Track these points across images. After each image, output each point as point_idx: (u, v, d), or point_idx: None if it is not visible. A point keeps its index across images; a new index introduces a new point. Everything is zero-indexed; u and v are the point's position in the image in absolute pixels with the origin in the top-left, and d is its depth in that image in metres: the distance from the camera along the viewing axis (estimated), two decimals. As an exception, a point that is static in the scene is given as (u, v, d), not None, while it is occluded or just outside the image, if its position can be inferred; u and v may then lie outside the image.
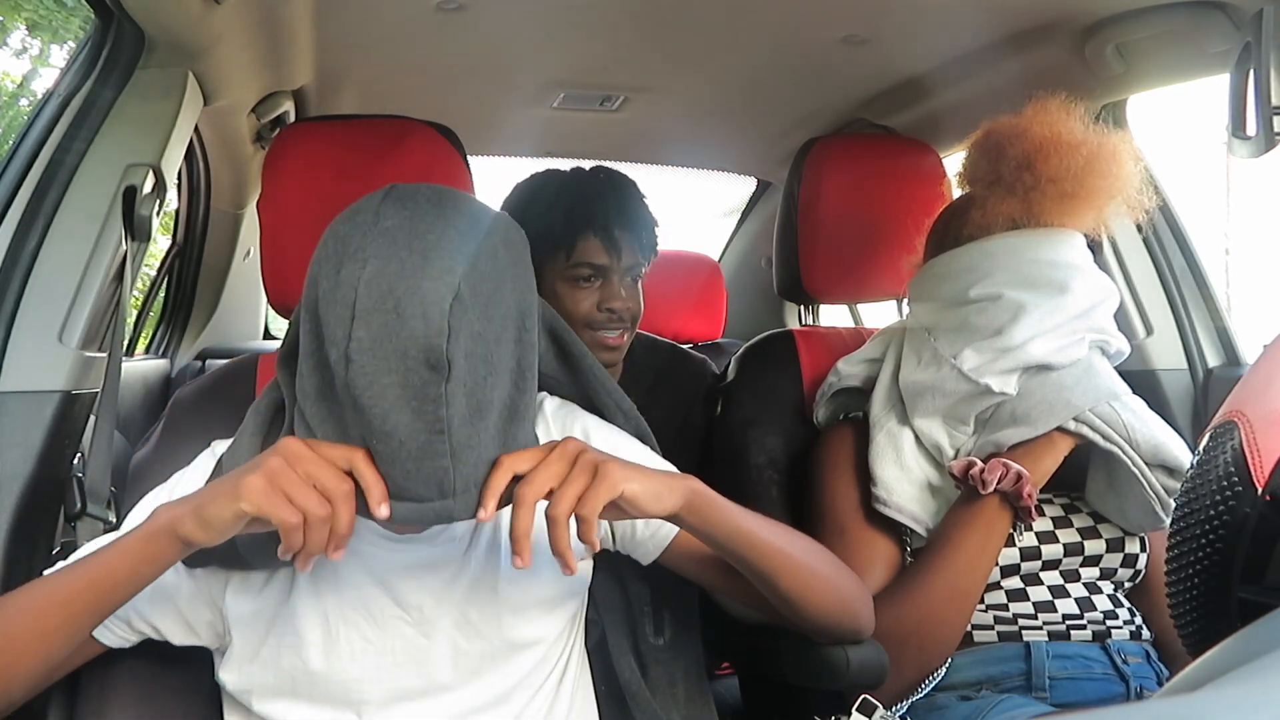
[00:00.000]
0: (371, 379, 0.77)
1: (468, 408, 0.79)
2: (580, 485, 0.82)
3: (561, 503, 0.81)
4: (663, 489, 0.86)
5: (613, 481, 0.82)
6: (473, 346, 0.79)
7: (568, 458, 0.83)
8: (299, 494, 0.78)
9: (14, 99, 6.71)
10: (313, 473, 0.79)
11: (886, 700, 1.12)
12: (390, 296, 0.77)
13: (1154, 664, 1.25)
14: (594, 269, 1.47)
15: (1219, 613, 0.63)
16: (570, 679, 1.05)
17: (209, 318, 2.39)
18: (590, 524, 0.82)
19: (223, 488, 0.80)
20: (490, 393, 0.81)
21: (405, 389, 0.77)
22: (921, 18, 1.55)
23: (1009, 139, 1.29)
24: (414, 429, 0.77)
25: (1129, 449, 1.20)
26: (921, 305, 1.40)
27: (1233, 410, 0.64)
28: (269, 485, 0.78)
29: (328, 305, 0.80)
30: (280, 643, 0.95)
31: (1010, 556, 1.25)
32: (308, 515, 0.78)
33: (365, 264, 0.78)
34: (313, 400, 0.83)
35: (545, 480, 0.82)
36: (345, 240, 0.81)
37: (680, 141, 2.41)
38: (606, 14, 1.57)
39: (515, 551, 0.81)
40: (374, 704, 0.95)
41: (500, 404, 0.83)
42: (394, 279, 0.77)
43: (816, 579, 1.00)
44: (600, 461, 0.83)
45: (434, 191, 0.86)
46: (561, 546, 0.82)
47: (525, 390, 0.86)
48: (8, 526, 1.08)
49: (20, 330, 1.15)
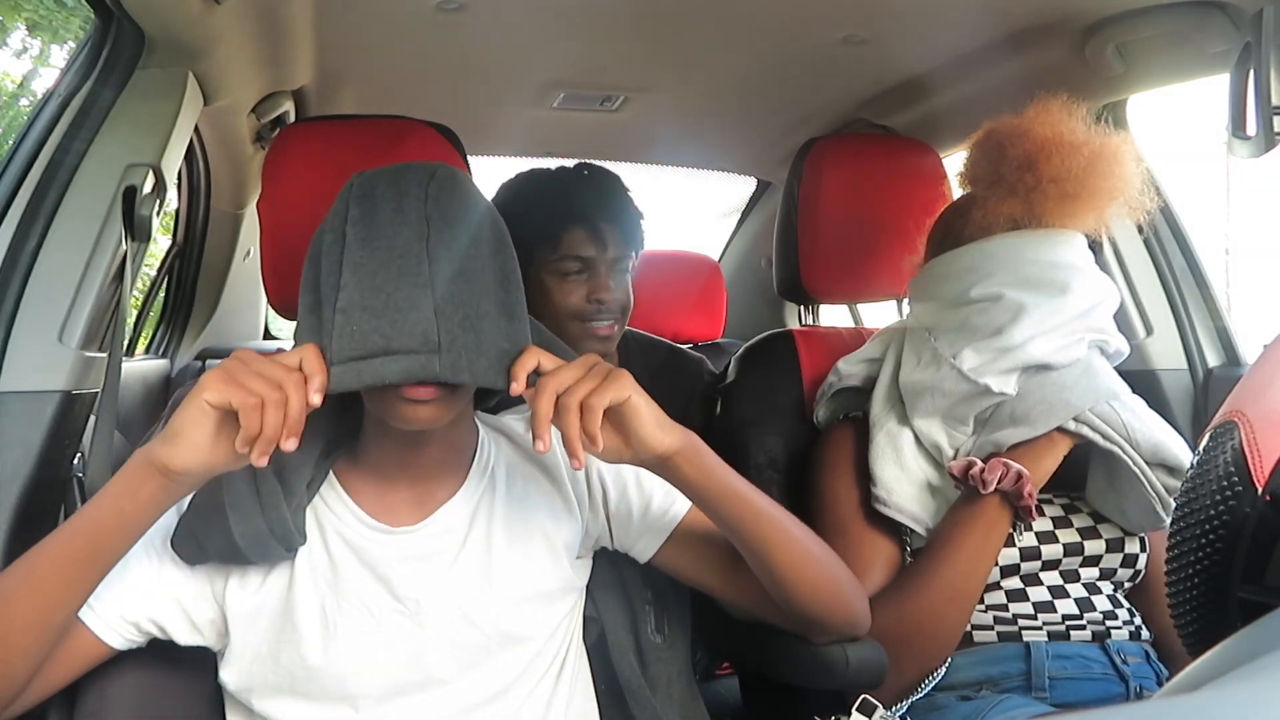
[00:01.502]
0: (364, 242, 0.88)
1: (451, 269, 0.88)
2: (593, 383, 0.87)
3: (575, 393, 0.86)
4: (666, 422, 0.91)
5: (622, 384, 0.87)
6: (451, 217, 0.90)
7: (585, 364, 0.89)
8: (252, 381, 0.83)
9: (14, 99, 6.71)
10: (264, 369, 0.84)
11: (886, 700, 1.12)
12: (380, 189, 0.91)
13: (1154, 664, 1.25)
14: (581, 261, 1.50)
15: (1219, 613, 0.63)
16: (568, 675, 1.05)
17: (209, 318, 2.39)
18: (595, 413, 0.86)
19: (185, 399, 0.84)
20: (474, 269, 0.90)
21: (391, 251, 0.88)
22: (921, 18, 1.55)
23: (1010, 139, 1.29)
24: (399, 284, 0.87)
25: (1129, 448, 1.20)
26: (922, 305, 1.40)
27: (1233, 410, 0.64)
28: (226, 377, 0.83)
29: (330, 216, 0.92)
30: (279, 639, 0.95)
31: (1010, 556, 1.25)
32: (263, 398, 0.82)
33: (356, 181, 0.93)
34: (302, 325, 0.92)
35: (565, 377, 0.87)
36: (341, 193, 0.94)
37: (680, 141, 2.41)
38: (606, 14, 1.57)
39: (536, 435, 0.86)
40: (371, 698, 0.96)
41: (487, 290, 0.91)
42: (382, 182, 0.92)
43: (811, 556, 1.01)
44: (614, 369, 0.89)
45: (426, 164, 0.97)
46: (572, 434, 0.86)
47: (511, 291, 0.94)
48: (8, 526, 1.08)
49: (20, 330, 1.15)
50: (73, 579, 0.87)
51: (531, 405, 0.87)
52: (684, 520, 1.04)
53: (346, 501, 0.99)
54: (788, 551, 0.98)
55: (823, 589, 1.03)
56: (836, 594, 1.04)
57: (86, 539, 0.86)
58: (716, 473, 0.94)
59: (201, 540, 0.93)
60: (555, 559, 1.02)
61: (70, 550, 0.87)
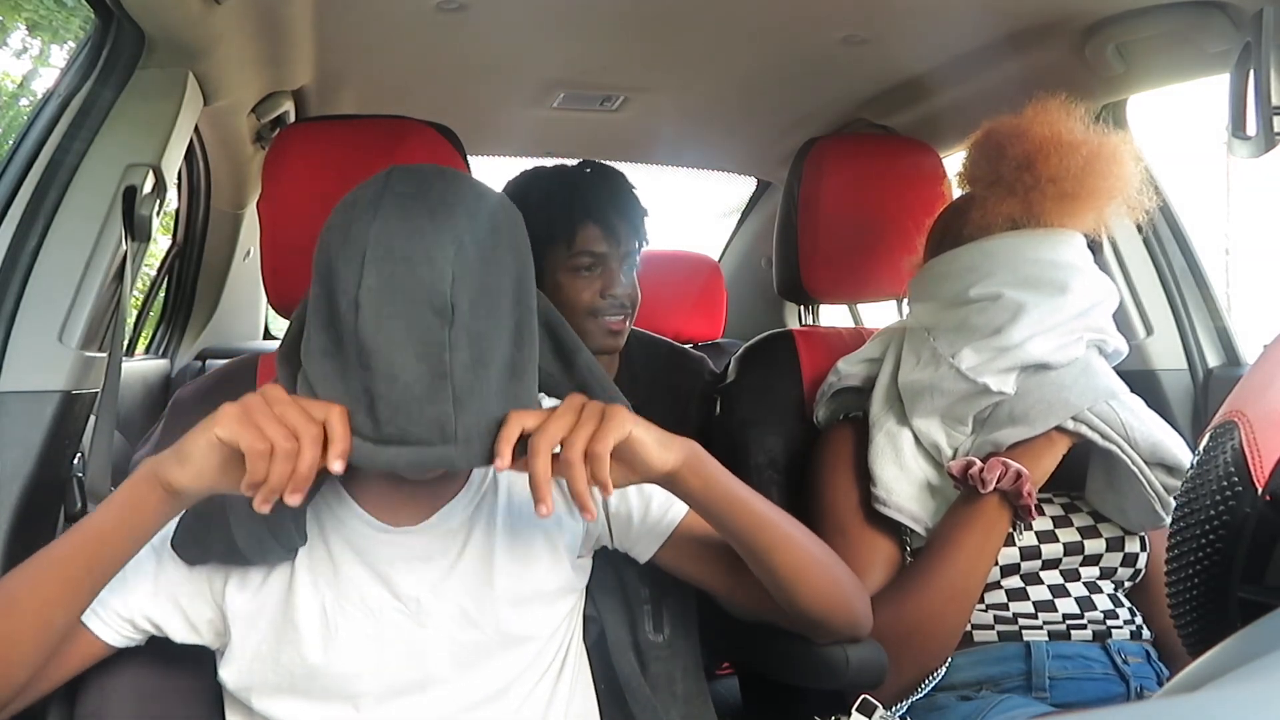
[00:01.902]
0: (379, 322, 0.81)
1: (470, 355, 0.83)
2: (590, 428, 0.84)
3: (575, 445, 0.83)
4: (666, 439, 0.89)
5: (620, 421, 0.84)
6: (476, 296, 0.83)
7: (574, 409, 0.86)
8: (269, 426, 0.80)
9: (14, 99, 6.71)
10: (286, 413, 0.81)
11: (886, 700, 1.12)
12: (399, 246, 0.82)
13: (1154, 664, 1.25)
14: (594, 257, 1.51)
15: (1219, 613, 0.63)
16: (568, 675, 1.05)
17: (209, 318, 2.39)
18: (602, 460, 0.83)
19: (201, 424, 0.83)
20: (492, 343, 0.85)
21: (410, 332, 0.81)
22: (921, 18, 1.55)
23: (1009, 139, 1.29)
24: (418, 372, 0.81)
25: (1127, 448, 1.20)
26: (921, 305, 1.40)
27: (1233, 410, 0.64)
28: (242, 414, 0.81)
29: (339, 259, 0.84)
30: (279, 638, 0.95)
31: (1010, 556, 1.25)
32: (274, 447, 0.79)
33: (375, 218, 0.84)
34: (317, 359, 0.86)
35: (556, 430, 0.84)
36: (355, 204, 0.87)
37: (680, 141, 2.41)
38: (606, 14, 1.57)
39: (538, 499, 0.83)
40: (371, 698, 0.96)
41: (502, 358, 0.86)
42: (402, 231, 0.83)
43: (812, 559, 1.01)
44: (606, 406, 0.86)
45: (436, 166, 0.93)
46: (579, 488, 0.83)
47: (525, 348, 0.89)
48: (8, 526, 1.08)
49: (20, 330, 1.15)
50: (75, 586, 0.87)
51: (528, 469, 0.83)
52: (683, 522, 1.04)
53: (347, 501, 0.99)
54: (789, 555, 0.98)
55: (824, 592, 1.03)
56: (838, 596, 1.04)
57: (89, 547, 0.86)
58: (719, 481, 0.94)
59: (201, 541, 0.93)
60: (556, 559, 1.02)
61: (73, 558, 0.87)
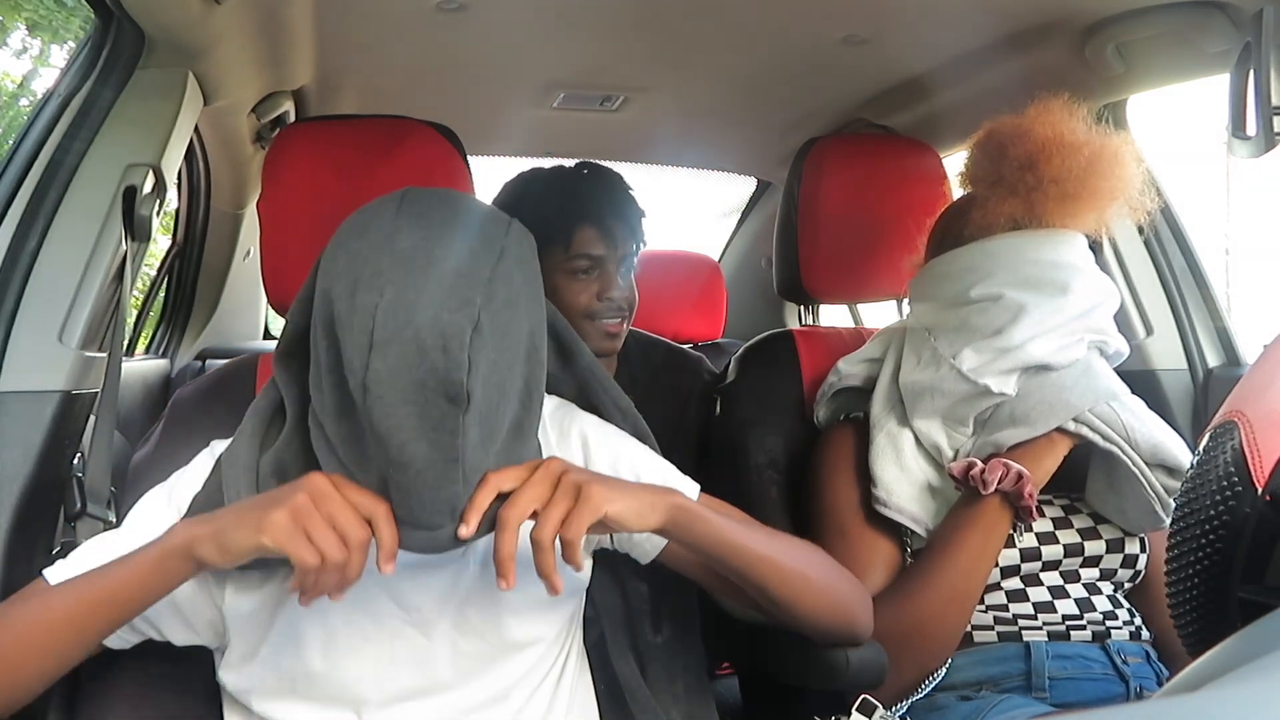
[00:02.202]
0: (389, 410, 0.77)
1: (480, 434, 0.80)
2: (563, 508, 0.82)
3: (546, 527, 0.81)
4: (645, 506, 0.86)
5: (596, 504, 0.82)
6: (489, 375, 0.79)
7: (551, 479, 0.83)
8: (320, 535, 0.79)
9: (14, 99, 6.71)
10: (335, 514, 0.80)
11: (886, 700, 1.12)
12: (409, 327, 0.76)
13: (1154, 664, 1.25)
14: (592, 260, 1.51)
15: (1219, 613, 0.63)
16: (569, 677, 1.05)
17: (209, 318, 2.39)
18: (575, 547, 0.82)
19: (247, 517, 0.81)
20: (502, 417, 0.83)
21: (423, 420, 0.77)
22: (921, 18, 1.55)
23: (1011, 139, 1.29)
24: (430, 459, 0.78)
25: (1128, 449, 1.20)
26: (922, 305, 1.40)
27: (1233, 410, 0.64)
28: (292, 522, 0.79)
29: (344, 330, 0.79)
30: (280, 642, 0.95)
31: (1010, 557, 1.25)
32: (326, 559, 0.79)
33: (382, 291, 0.77)
34: (333, 419, 0.83)
35: (528, 502, 0.82)
36: (359, 259, 0.81)
37: (680, 141, 2.41)
38: (606, 14, 1.57)
39: (500, 574, 0.81)
40: (373, 703, 0.96)
41: (510, 421, 0.84)
42: (412, 308, 0.76)
43: (809, 585, 1.00)
44: (583, 483, 0.83)
45: (446, 204, 0.85)
46: (547, 570, 0.82)
47: (531, 407, 0.87)
48: (8, 526, 1.08)
49: (20, 330, 1.15)
50: (89, 636, 0.88)
51: (494, 543, 0.80)
52: None
53: None
54: (785, 585, 0.98)
55: (824, 611, 1.03)
56: (838, 613, 1.04)
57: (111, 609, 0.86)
58: (708, 531, 0.92)
59: None
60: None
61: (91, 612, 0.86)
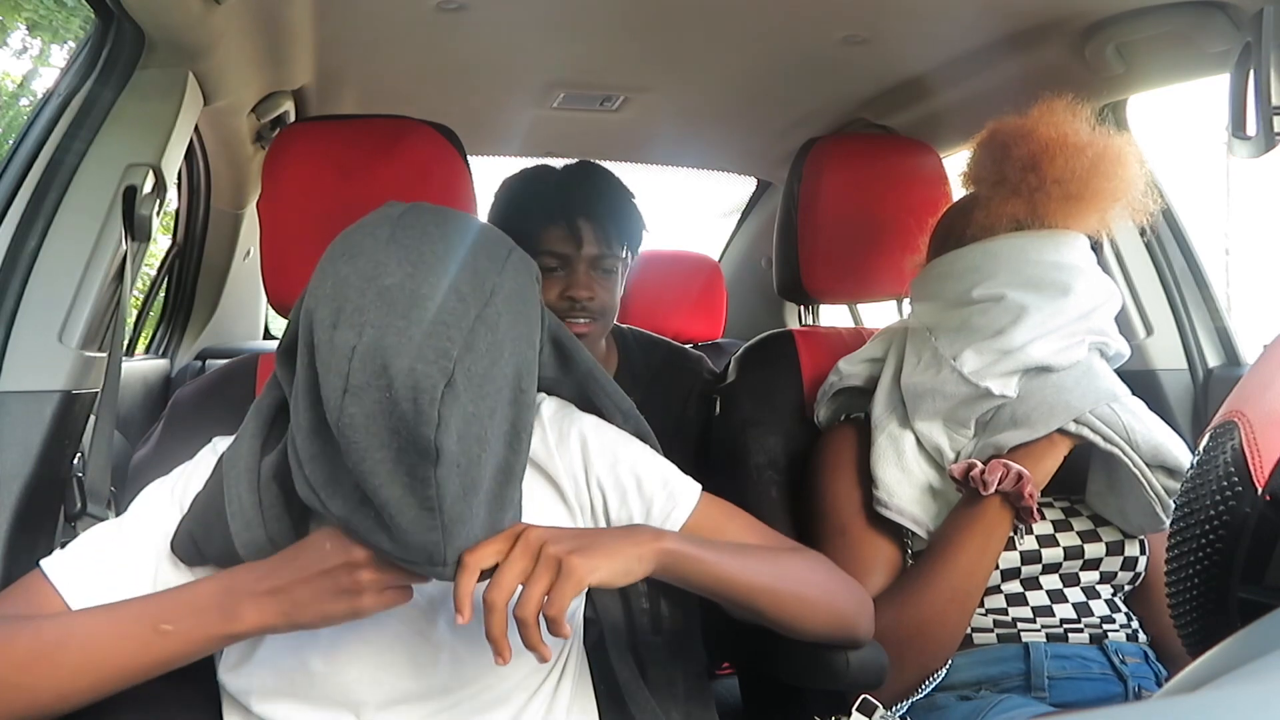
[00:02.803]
0: (363, 454, 0.77)
1: (460, 486, 0.79)
2: (544, 584, 0.81)
3: (529, 604, 0.81)
4: (631, 562, 0.86)
5: (578, 577, 0.81)
6: (465, 429, 0.79)
7: (530, 553, 0.83)
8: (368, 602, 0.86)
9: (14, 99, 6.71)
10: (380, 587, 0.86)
11: (887, 700, 1.12)
12: (384, 375, 0.76)
13: (1152, 664, 1.25)
14: (557, 258, 1.51)
15: (1219, 613, 0.63)
16: (569, 679, 1.05)
17: (209, 318, 2.40)
18: (559, 622, 0.81)
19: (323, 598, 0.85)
20: (483, 469, 0.81)
21: (397, 465, 0.78)
22: (921, 18, 1.55)
23: (1014, 139, 1.29)
24: (405, 503, 0.78)
25: (1129, 450, 1.20)
26: (924, 305, 1.40)
27: (1233, 410, 0.64)
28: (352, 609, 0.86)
29: (323, 363, 0.80)
30: (280, 644, 0.95)
31: (1010, 560, 1.25)
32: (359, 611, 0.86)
33: (361, 331, 0.77)
34: (305, 435, 0.84)
35: (510, 580, 0.82)
36: (345, 288, 0.80)
37: (680, 141, 2.41)
38: (607, 14, 1.57)
39: (496, 653, 0.81)
40: (372, 705, 0.95)
41: (493, 470, 0.83)
42: (389, 354, 0.76)
43: (805, 606, 1.00)
44: (563, 556, 0.82)
45: (443, 240, 0.83)
46: (533, 643, 0.81)
47: (519, 449, 0.86)
48: (8, 526, 1.08)
49: (20, 330, 1.15)
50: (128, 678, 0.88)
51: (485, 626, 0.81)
52: (685, 526, 1.03)
53: None
54: (781, 610, 0.98)
55: (822, 626, 1.03)
56: (838, 625, 1.04)
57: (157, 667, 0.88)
58: (696, 569, 0.91)
59: (201, 545, 0.93)
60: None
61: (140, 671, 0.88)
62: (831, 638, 1.05)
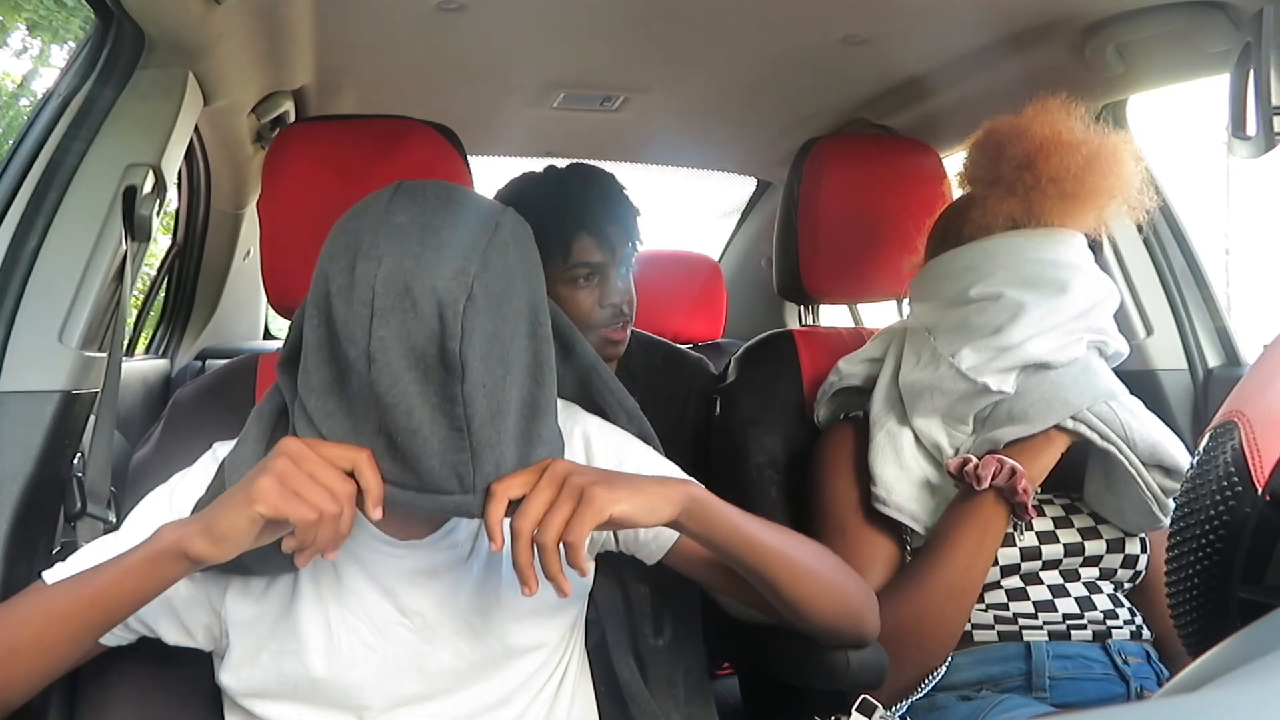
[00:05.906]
0: (395, 376, 0.79)
1: (488, 408, 0.81)
2: (566, 511, 0.82)
3: (549, 530, 0.82)
4: (656, 501, 0.86)
5: (599, 505, 0.82)
6: (488, 347, 0.81)
7: (555, 482, 0.84)
8: (310, 492, 0.80)
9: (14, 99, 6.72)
10: (317, 472, 0.81)
11: (886, 700, 1.12)
12: (408, 295, 0.79)
13: (1154, 664, 1.26)
14: (592, 267, 1.50)
15: (1219, 613, 0.63)
16: (571, 680, 1.05)
17: (209, 318, 2.40)
18: (577, 549, 0.82)
19: (232, 499, 0.81)
20: (508, 392, 0.83)
21: (425, 385, 0.80)
22: (921, 18, 1.55)
23: (1009, 138, 1.29)
24: (435, 424, 0.80)
25: (1126, 448, 1.20)
26: (922, 305, 1.40)
27: (1233, 410, 0.64)
28: (281, 486, 0.80)
29: (343, 302, 0.81)
30: (282, 648, 0.95)
31: (1010, 556, 1.25)
32: (322, 513, 0.80)
33: (380, 261, 0.80)
34: (319, 395, 0.84)
35: (536, 509, 0.83)
36: (357, 236, 0.83)
37: (680, 142, 2.41)
38: (606, 14, 1.57)
39: (522, 581, 0.82)
40: (375, 708, 0.95)
41: (519, 401, 0.84)
42: (410, 275, 0.79)
43: (819, 583, 1.00)
44: (587, 485, 0.83)
45: (441, 187, 0.87)
46: (553, 571, 0.82)
47: (544, 385, 0.87)
48: (8, 526, 1.08)
49: (20, 330, 1.14)
50: (80, 638, 0.88)
51: (512, 553, 0.83)
52: (679, 540, 1.03)
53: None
54: (796, 581, 0.98)
55: (833, 610, 1.02)
56: (847, 612, 1.04)
57: (101, 610, 0.86)
58: (721, 523, 0.92)
59: None
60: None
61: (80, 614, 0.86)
62: (839, 626, 1.04)
